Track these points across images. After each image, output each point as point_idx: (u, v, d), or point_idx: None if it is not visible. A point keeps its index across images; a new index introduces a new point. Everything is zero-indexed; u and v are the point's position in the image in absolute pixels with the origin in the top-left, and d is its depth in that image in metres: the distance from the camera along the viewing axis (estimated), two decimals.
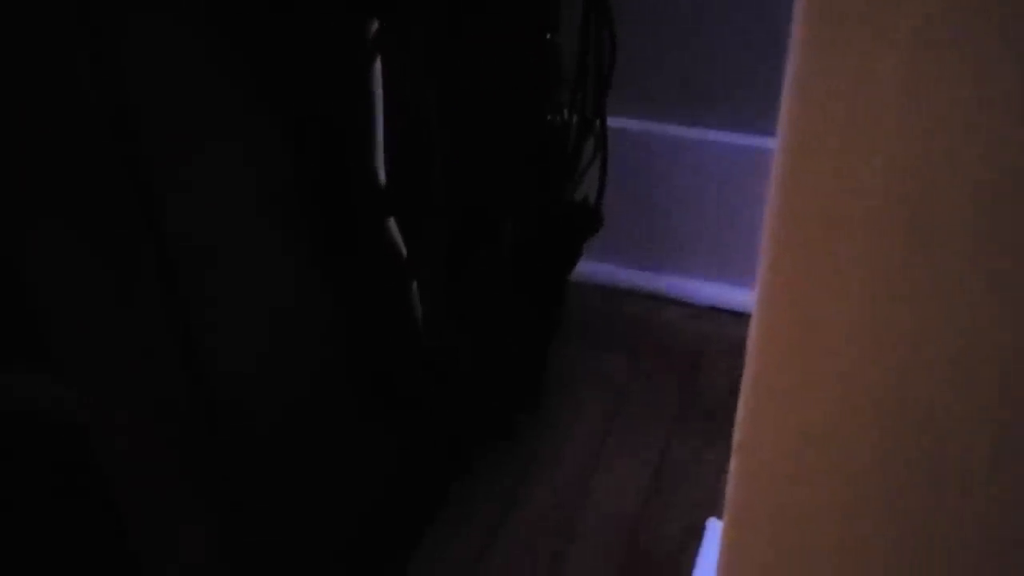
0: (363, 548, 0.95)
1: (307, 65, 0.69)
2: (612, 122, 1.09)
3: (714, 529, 0.86)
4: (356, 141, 0.76)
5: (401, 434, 0.98)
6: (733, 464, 0.35)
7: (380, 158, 0.77)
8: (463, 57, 0.81)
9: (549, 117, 1.02)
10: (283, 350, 0.77)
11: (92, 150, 0.57)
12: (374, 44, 0.69)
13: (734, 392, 0.34)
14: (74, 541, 0.68)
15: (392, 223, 0.83)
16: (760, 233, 0.31)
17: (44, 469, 0.66)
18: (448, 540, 1.05)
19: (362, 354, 0.89)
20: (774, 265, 0.32)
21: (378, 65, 0.70)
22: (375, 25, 0.68)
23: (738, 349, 0.33)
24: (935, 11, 0.26)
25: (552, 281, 1.16)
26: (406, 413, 0.96)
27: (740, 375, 0.34)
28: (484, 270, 1.02)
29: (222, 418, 0.70)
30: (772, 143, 0.30)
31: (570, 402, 1.22)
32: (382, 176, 0.79)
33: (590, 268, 1.31)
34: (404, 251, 0.85)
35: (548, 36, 0.92)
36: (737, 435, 0.35)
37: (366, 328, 0.88)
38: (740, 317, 1.31)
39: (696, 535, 1.03)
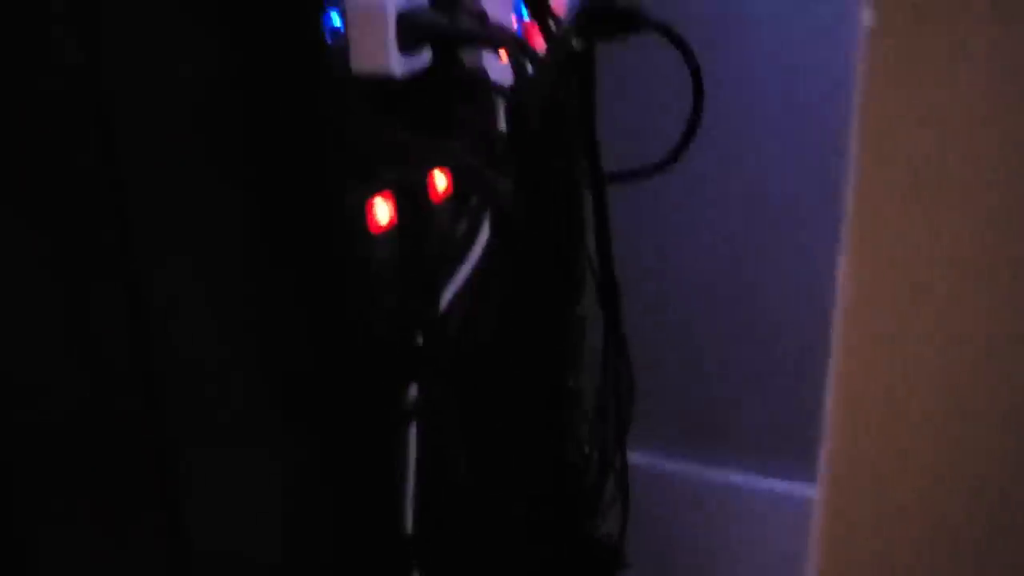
0: None
1: (345, 423, 0.71)
2: (634, 459, 1.09)
3: None
4: (386, 496, 0.76)
5: None
6: None
7: (409, 512, 0.77)
8: (493, 411, 0.83)
9: (570, 456, 1.02)
10: None
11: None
12: (412, 410, 0.71)
13: None
14: None
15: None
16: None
17: None
18: None
19: None
20: None
21: (413, 429, 0.72)
22: (414, 392, 0.71)
23: None
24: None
25: None
26: None
27: None
28: None
29: None
30: (795, 488, 0.31)
31: None
32: (409, 527, 0.79)
33: None
34: None
35: (571, 383, 0.94)
36: None
37: None
38: None
39: None
